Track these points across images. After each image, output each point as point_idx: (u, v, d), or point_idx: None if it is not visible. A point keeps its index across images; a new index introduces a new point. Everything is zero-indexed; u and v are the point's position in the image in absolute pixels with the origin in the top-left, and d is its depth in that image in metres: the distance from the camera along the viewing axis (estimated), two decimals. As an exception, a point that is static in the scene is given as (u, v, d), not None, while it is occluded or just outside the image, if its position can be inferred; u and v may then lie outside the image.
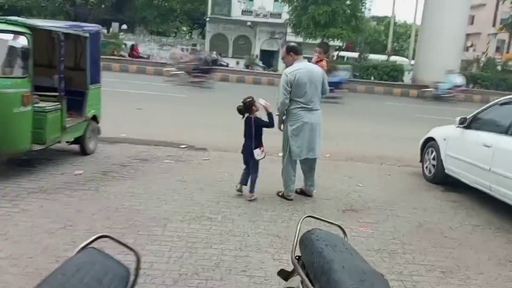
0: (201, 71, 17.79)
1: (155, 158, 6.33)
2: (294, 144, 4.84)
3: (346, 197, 5.22)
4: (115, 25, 39.45)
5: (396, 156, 8.04)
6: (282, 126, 5.01)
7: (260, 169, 5.04)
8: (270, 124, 4.84)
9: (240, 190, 5.01)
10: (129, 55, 27.76)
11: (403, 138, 9.95)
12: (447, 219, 4.82)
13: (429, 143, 6.35)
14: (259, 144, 4.84)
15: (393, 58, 27.81)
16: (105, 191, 4.68)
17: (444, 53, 21.76)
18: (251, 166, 4.92)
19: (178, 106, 12.01)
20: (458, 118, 5.52)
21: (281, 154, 5.22)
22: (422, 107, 17.81)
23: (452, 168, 5.67)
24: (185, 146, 7.38)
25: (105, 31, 38.00)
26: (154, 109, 11.19)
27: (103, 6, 41.49)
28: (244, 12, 35.59)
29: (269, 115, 4.80)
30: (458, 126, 5.62)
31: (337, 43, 26.63)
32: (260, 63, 31.22)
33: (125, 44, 29.92)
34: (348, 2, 23.04)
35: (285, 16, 30.99)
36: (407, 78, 26.12)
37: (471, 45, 46.31)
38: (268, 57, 35.36)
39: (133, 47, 29.60)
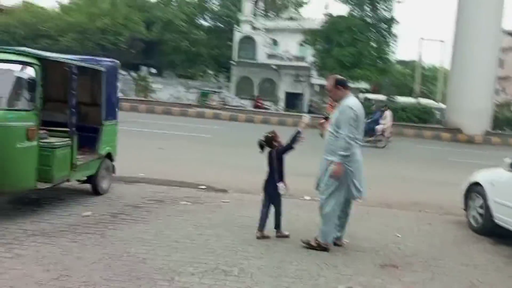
0: None
1: (172, 199, 5.87)
2: (354, 182, 4.31)
3: (383, 249, 4.57)
4: (143, 69, 40.69)
5: (434, 202, 7.33)
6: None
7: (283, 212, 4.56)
8: (291, 145, 4.54)
9: (262, 237, 4.55)
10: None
11: (440, 183, 9.22)
12: (502, 278, 4.10)
13: (473, 189, 5.67)
14: (281, 178, 4.56)
15: (421, 100, 27.16)
16: (111, 236, 4.21)
17: (475, 95, 21.08)
18: (275, 204, 4.66)
19: (202, 146, 11.70)
20: (508, 160, 4.87)
21: (307, 197, 4.69)
22: (456, 150, 16.97)
23: (503, 218, 4.96)
24: (204, 187, 6.92)
25: (134, 74, 39.23)
26: (176, 148, 10.90)
27: (132, 51, 42.97)
28: (269, 56, 36.05)
29: (298, 133, 4.51)
30: (509, 170, 4.95)
31: (363, 85, 26.30)
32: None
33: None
34: (373, 45, 22.87)
35: (309, 59, 31.15)
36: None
37: (502, 89, 45.22)
38: (292, 99, 35.33)
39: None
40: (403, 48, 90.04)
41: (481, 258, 4.60)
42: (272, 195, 4.64)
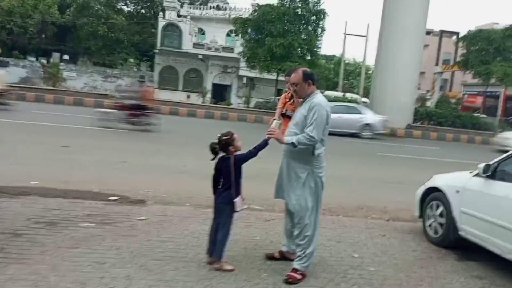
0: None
1: (69, 219, 4.48)
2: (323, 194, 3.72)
3: (343, 279, 3.66)
4: (55, 55, 36.99)
5: (376, 204, 6.72)
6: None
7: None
8: (254, 151, 3.59)
9: (212, 263, 3.61)
10: None
11: (376, 180, 8.72)
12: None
13: (432, 195, 5.00)
14: (239, 192, 3.58)
15: (347, 95, 27.48)
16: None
17: (399, 90, 21.52)
18: (222, 222, 3.56)
19: (116, 143, 10.13)
20: (481, 165, 4.20)
21: (256, 206, 3.64)
22: (382, 144, 16.99)
23: (472, 231, 4.30)
24: (116, 198, 5.58)
25: (44, 61, 35.45)
26: (85, 147, 9.26)
27: (43, 36, 38.86)
28: (195, 45, 34.46)
29: (265, 144, 3.61)
30: (479, 175, 4.29)
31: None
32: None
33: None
34: (303, 37, 22.40)
35: (238, 50, 30.17)
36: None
37: (418, 85, 47.93)
38: (220, 91, 34.18)
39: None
40: (325, 42, 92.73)
41: (454, 282, 3.88)
42: (221, 211, 3.57)
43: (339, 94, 28.10)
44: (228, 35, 36.63)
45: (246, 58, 23.74)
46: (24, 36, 36.92)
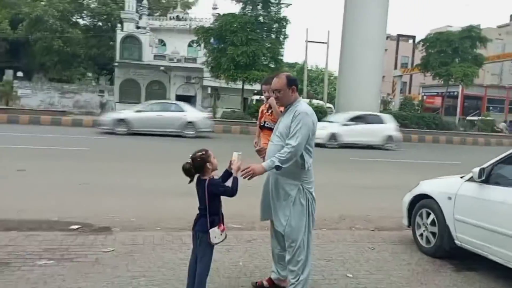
0: None
1: (24, 257, 3.88)
2: (315, 211, 3.34)
3: (342, 307, 3.29)
4: (8, 72, 35.17)
5: (357, 212, 6.46)
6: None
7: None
8: (230, 191, 3.05)
9: None
10: None
11: (349, 186, 8.48)
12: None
13: (421, 202, 4.74)
14: (218, 220, 3.08)
15: (313, 101, 27.48)
16: None
17: (364, 95, 21.73)
18: (201, 253, 3.08)
19: (77, 163, 9.41)
20: (475, 170, 3.95)
21: (235, 225, 3.20)
22: (354, 149, 16.95)
23: (468, 239, 4.05)
24: (77, 226, 5.00)
25: (-4, 79, 33.62)
26: (42, 169, 8.52)
27: (-6, 52, 36.94)
28: (156, 56, 33.66)
29: (234, 179, 3.08)
30: (472, 180, 4.04)
31: (257, 87, 25.61)
32: None
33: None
34: (267, 45, 22.22)
35: (201, 60, 29.67)
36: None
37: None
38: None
39: None
40: (288, 50, 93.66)
41: (454, 296, 3.59)
42: (199, 240, 3.10)
43: (305, 100, 28.06)
44: (189, 45, 36.08)
45: (210, 68, 23.29)
46: (-27, 53, 34.95)
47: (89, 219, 5.33)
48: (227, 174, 3.17)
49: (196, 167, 3.04)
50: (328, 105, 30.74)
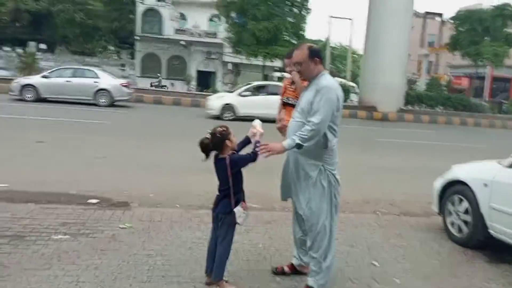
0: None
1: (39, 231, 3.81)
2: (338, 194, 3.09)
3: (368, 295, 3.10)
4: (31, 44, 35.42)
5: (383, 196, 6.21)
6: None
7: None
8: (252, 156, 2.89)
9: (210, 283, 3.00)
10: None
11: (375, 169, 8.19)
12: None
13: (454, 189, 4.45)
14: (240, 198, 2.96)
15: (337, 79, 26.84)
16: None
17: (389, 73, 21.05)
18: (222, 235, 2.95)
19: (98, 137, 9.37)
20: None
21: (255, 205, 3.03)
22: (377, 129, 16.54)
23: (504, 230, 3.78)
24: (96, 201, 4.91)
25: (20, 51, 33.92)
26: (63, 141, 8.48)
27: (17, 24, 37.13)
28: (177, 31, 33.32)
29: (257, 143, 2.92)
30: (513, 166, 3.74)
31: (279, 63, 25.13)
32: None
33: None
34: (290, 20, 21.63)
35: (222, 36, 29.21)
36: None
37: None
38: (204, 78, 33.25)
39: None
40: (311, 27, 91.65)
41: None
42: (220, 223, 2.96)
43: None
44: (211, 20, 35.57)
45: (232, 43, 22.88)
46: (-3, 25, 35.22)
47: (107, 193, 5.24)
48: (247, 140, 3.05)
49: (215, 143, 2.87)
50: (352, 83, 30.06)
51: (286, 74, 3.84)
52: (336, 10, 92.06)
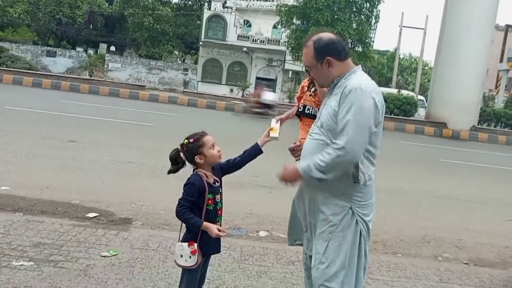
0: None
1: (3, 251, 3.13)
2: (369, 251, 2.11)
3: None
4: (103, 46, 37.13)
5: (448, 235, 4.96)
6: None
7: None
8: (194, 223, 2.18)
9: None
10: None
11: (437, 197, 6.84)
12: None
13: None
14: (191, 236, 2.21)
15: (402, 91, 24.99)
16: None
17: (464, 88, 19.01)
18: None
19: (133, 139, 8.88)
20: None
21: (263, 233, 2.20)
22: (445, 148, 14.80)
23: None
24: (94, 215, 4.22)
25: (91, 51, 35.63)
26: (95, 142, 8.05)
27: (91, 26, 39.07)
28: (240, 37, 33.10)
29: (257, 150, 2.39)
30: None
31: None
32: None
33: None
34: (354, 26, 20.37)
35: (284, 42, 28.46)
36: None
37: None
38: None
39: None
40: (379, 37, 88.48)
41: None
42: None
43: (393, 90, 25.66)
44: (274, 27, 34.98)
45: (290, 48, 22.02)
46: (73, 26, 37.22)
47: (113, 206, 4.58)
48: (256, 151, 2.39)
49: (186, 156, 2.20)
50: (420, 97, 27.97)
51: None
52: (410, 20, 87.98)
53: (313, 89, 2.61)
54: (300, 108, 2.70)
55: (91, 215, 4.21)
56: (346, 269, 1.95)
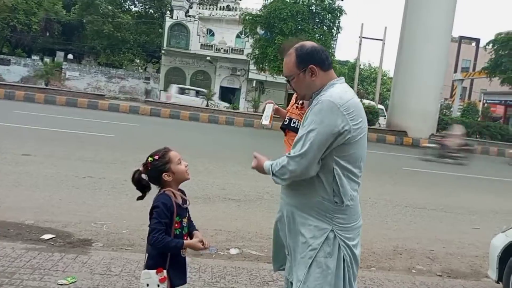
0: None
1: None
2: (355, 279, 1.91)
3: None
4: (59, 54, 35.82)
5: (419, 246, 4.96)
6: None
7: None
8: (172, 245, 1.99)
9: None
10: None
11: (404, 206, 6.89)
12: None
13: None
14: (160, 262, 1.99)
15: (364, 101, 25.54)
16: None
17: (423, 96, 19.66)
18: None
19: (92, 152, 8.43)
20: None
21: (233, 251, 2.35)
22: (407, 156, 15.13)
23: None
24: (50, 236, 3.89)
25: (48, 60, 34.25)
26: (51, 156, 7.57)
27: (48, 34, 37.65)
28: (203, 46, 32.85)
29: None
30: None
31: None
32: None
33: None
34: (317, 37, 20.64)
35: (247, 52, 28.50)
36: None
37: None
38: (228, 95, 32.54)
39: None
40: (340, 47, 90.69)
41: None
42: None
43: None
44: (238, 36, 35.00)
45: (254, 59, 22.02)
46: (28, 34, 35.72)
47: (71, 226, 4.24)
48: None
49: (150, 177, 2.02)
50: (380, 106, 28.67)
51: None
52: (369, 31, 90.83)
53: (300, 102, 2.48)
54: (286, 121, 2.56)
55: (46, 236, 3.86)
56: None
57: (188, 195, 2.21)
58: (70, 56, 35.96)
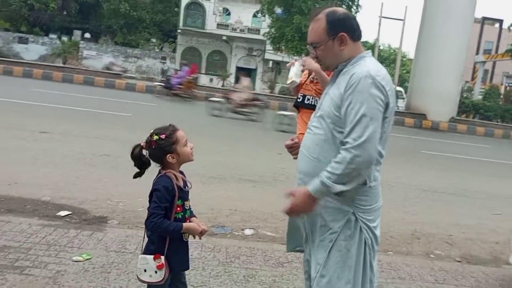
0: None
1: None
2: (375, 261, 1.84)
3: None
4: (77, 33, 35.91)
5: (438, 230, 4.85)
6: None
7: None
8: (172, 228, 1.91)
9: None
10: None
11: (423, 190, 6.75)
12: None
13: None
14: (158, 249, 1.91)
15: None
16: None
17: (443, 79, 19.11)
18: None
19: (109, 130, 8.47)
20: None
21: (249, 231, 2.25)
22: (426, 139, 14.85)
23: None
24: (66, 213, 3.90)
25: (65, 39, 34.41)
26: (67, 133, 7.62)
27: (65, 13, 37.72)
28: (219, 25, 32.54)
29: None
30: None
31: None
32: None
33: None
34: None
35: (264, 32, 28.14)
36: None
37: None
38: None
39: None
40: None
41: None
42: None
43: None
44: (254, 16, 34.54)
45: (271, 39, 21.71)
46: (46, 12, 35.85)
47: (87, 203, 4.25)
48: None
49: (152, 154, 1.90)
50: (399, 88, 28.13)
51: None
52: (389, 11, 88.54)
53: (314, 76, 2.36)
54: (299, 98, 2.43)
55: (62, 213, 3.88)
56: (352, 285, 1.73)
57: (203, 175, 2.14)
58: (87, 35, 36.03)
